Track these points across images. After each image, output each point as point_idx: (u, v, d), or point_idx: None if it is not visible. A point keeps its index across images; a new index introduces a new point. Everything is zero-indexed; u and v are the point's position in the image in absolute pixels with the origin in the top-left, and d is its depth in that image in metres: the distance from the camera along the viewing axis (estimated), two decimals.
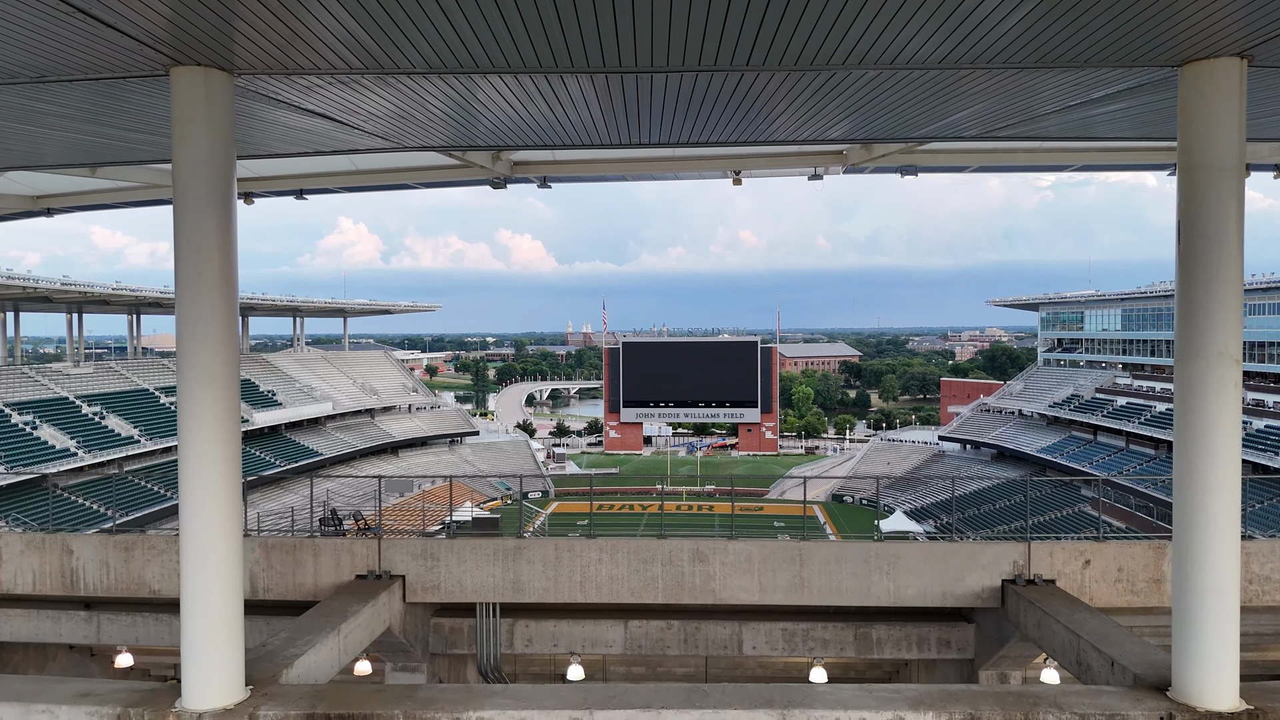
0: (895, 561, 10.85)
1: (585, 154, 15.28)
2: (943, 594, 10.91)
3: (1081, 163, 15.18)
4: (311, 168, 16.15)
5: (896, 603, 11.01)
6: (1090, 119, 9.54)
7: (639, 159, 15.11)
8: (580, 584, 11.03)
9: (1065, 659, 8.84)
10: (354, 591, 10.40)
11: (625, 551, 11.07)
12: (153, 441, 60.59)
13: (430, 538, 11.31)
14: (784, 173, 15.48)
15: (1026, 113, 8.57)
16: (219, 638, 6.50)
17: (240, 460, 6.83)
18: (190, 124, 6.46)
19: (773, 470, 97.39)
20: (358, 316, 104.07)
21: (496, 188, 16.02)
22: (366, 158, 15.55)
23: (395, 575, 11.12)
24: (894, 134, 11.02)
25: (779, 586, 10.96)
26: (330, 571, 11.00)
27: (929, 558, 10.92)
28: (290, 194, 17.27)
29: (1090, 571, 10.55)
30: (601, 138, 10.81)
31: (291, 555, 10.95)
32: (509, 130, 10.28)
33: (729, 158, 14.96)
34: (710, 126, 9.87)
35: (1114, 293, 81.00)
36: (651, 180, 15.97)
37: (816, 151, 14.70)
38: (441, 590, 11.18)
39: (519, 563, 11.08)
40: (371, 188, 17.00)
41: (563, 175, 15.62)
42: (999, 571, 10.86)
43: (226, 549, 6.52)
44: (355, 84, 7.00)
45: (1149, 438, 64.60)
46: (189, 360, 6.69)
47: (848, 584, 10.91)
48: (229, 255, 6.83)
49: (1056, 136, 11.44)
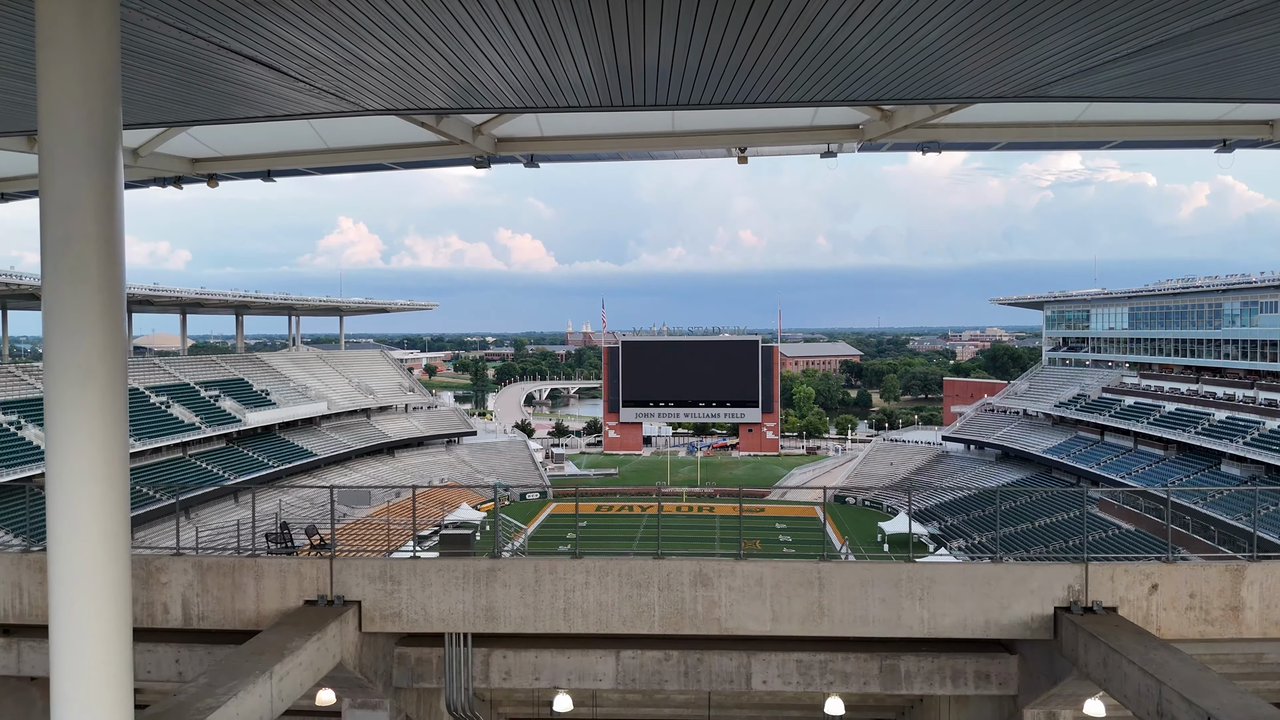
0: (930, 586, 9.47)
1: (576, 128, 13.89)
2: (985, 623, 9.50)
3: (1121, 138, 13.74)
4: (278, 144, 14.80)
5: (931, 633, 9.63)
6: (1155, 71, 8.04)
7: (635, 134, 13.74)
8: (564, 611, 9.65)
9: (1141, 707, 7.46)
10: (300, 620, 9.10)
11: (616, 574, 9.64)
12: (142, 442, 59.25)
13: (391, 558, 10.00)
14: (794, 150, 14.08)
15: (1093, 52, 7.08)
16: (95, 694, 5.14)
17: (127, 470, 5.47)
18: (55, 49, 5.09)
19: (774, 471, 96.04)
20: (354, 315, 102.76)
21: (480, 166, 14.63)
22: (338, 134, 14.19)
23: (350, 601, 9.76)
24: (925, 92, 9.50)
25: (794, 615, 9.59)
26: (275, 596, 9.66)
27: (969, 581, 9.52)
28: (257, 175, 15.92)
29: (1158, 598, 9.17)
30: (592, 98, 9.32)
31: (230, 578, 9.59)
32: (479, 87, 8.77)
33: (733, 133, 13.57)
34: (714, 85, 8.44)
35: (1121, 291, 79.65)
36: (649, 159, 14.58)
37: (829, 125, 13.30)
38: (403, 618, 9.80)
39: (493, 587, 9.69)
40: (345, 168, 15.60)
41: (552, 153, 14.23)
42: (1051, 597, 9.48)
43: (107, 580, 5.17)
44: (281, 10, 5.59)
45: (1158, 438, 63.21)
46: (57, 351, 5.34)
47: (875, 611, 9.54)
48: (110, 218, 5.45)
49: (1108, 96, 9.97)
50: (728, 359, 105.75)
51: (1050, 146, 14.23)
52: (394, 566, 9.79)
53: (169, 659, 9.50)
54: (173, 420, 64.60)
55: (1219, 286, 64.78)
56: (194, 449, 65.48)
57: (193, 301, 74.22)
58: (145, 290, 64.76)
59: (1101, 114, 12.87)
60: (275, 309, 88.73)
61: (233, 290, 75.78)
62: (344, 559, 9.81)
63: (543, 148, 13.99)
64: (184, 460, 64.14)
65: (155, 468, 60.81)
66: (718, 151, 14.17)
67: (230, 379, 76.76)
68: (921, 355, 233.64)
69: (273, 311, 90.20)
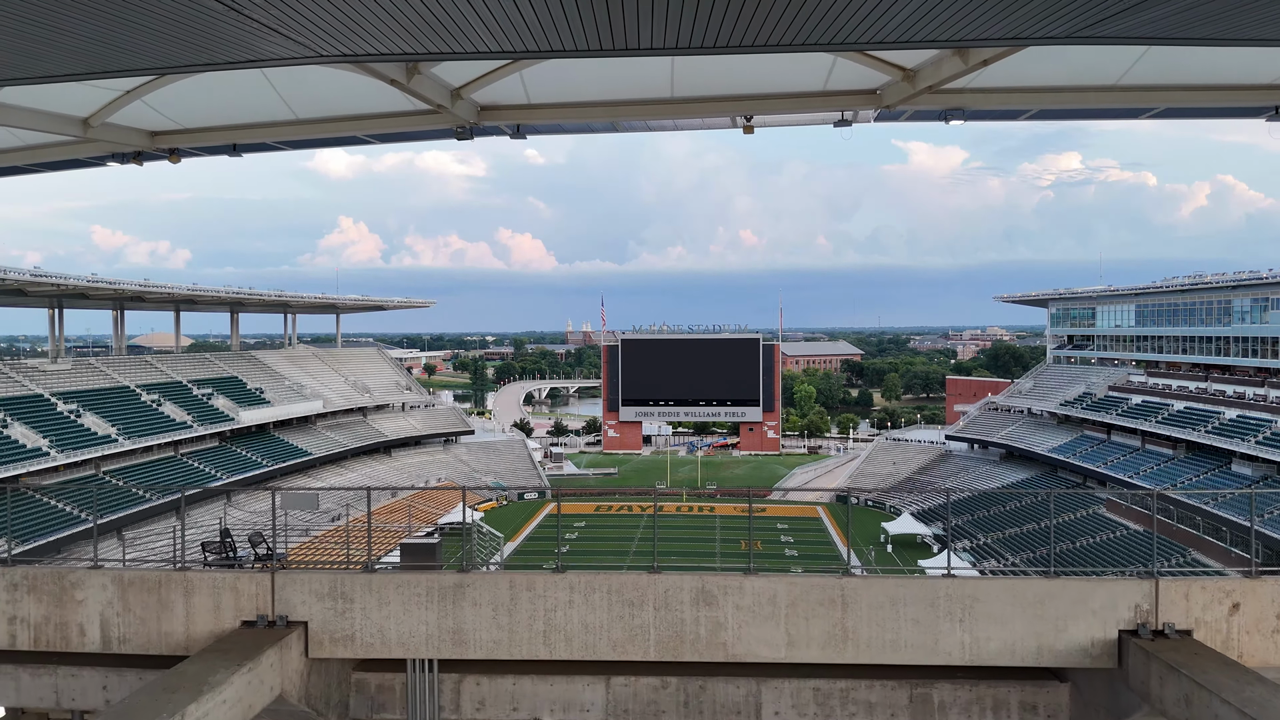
0: (972, 605, 8.15)
1: (566, 94, 12.66)
2: (1037, 649, 8.19)
3: (1163, 104, 12.48)
4: (244, 115, 13.63)
5: (973, 660, 8.29)
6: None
7: (631, 100, 12.52)
8: (544, 635, 8.37)
9: None
10: (233, 646, 7.93)
11: (605, 591, 8.33)
12: (132, 441, 58.10)
13: (344, 571, 8.66)
14: (804, 119, 12.87)
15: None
16: None
17: None
18: None
19: (775, 470, 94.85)
20: (351, 313, 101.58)
21: (462, 138, 13.44)
22: (308, 103, 13.01)
23: (294, 622, 8.47)
24: (962, 30, 8.12)
25: (814, 639, 8.27)
26: (207, 616, 8.43)
27: (1019, 600, 8.22)
28: (222, 149, 14.77)
29: (1239, 619, 7.92)
30: (579, 40, 7.99)
31: (155, 594, 8.34)
32: (446, 23, 7.41)
33: (738, 99, 12.35)
34: (717, 23, 7.16)
35: (1127, 288, 78.42)
36: (646, 129, 13.35)
37: (843, 90, 12.07)
38: (356, 642, 8.50)
39: (461, 605, 8.39)
40: (317, 141, 14.42)
41: (540, 123, 13.01)
42: (1115, 619, 8.16)
43: None
44: None
45: (1166, 437, 61.99)
46: None
47: (907, 635, 8.24)
48: None
49: (1166, 36, 8.68)
50: (728, 357, 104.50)
51: (1085, 115, 13.01)
52: (345, 581, 8.46)
53: (95, 685, 8.26)
54: (163, 419, 63.40)
55: (1229, 283, 63.57)
56: (186, 448, 64.28)
57: (186, 298, 73.01)
58: (136, 286, 63.52)
59: (1143, 76, 11.64)
60: (270, 306, 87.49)
61: (226, 287, 74.57)
62: (288, 572, 8.49)
63: (530, 116, 12.77)
64: (175, 459, 62.96)
65: (145, 467, 59.67)
66: (721, 121, 12.95)
67: (224, 377, 75.56)
68: (922, 355, 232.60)
69: (267, 309, 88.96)
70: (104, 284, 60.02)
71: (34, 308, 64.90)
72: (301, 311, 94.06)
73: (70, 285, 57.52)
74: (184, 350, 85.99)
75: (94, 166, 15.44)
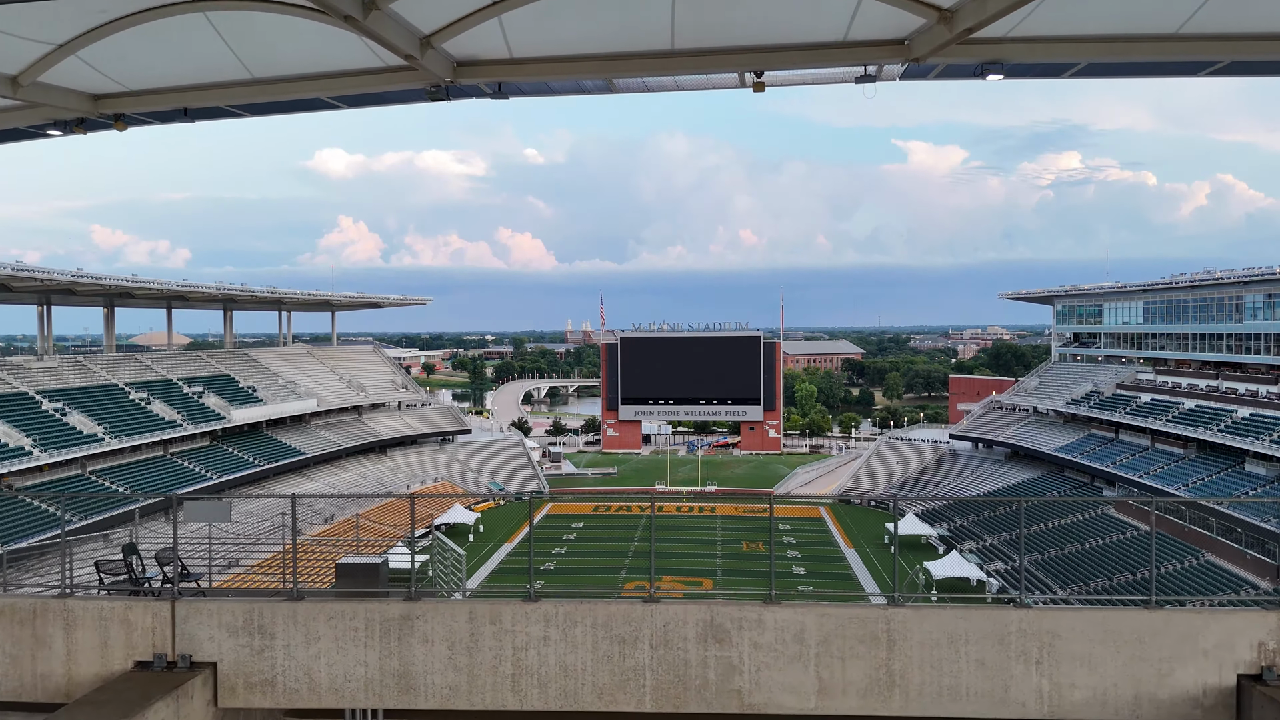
0: (1051, 643, 6.54)
1: (554, 46, 11.28)
2: (1134, 698, 6.56)
3: (1228, 56, 11.13)
4: (195, 75, 12.26)
5: (1054, 713, 6.64)
6: None
7: (627, 53, 11.13)
8: (512, 679, 6.77)
9: None
10: (118, 694, 6.41)
11: (589, 624, 6.70)
12: (118, 440, 56.81)
13: (263, 599, 7.07)
14: (822, 75, 11.50)
15: None
16: None
17: None
18: None
19: (777, 470, 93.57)
20: (346, 310, 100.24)
21: (436, 98, 12.09)
22: (265, 61, 11.67)
23: (200, 662, 6.92)
24: None
25: (852, 685, 6.69)
26: (92, 655, 6.85)
27: (1110, 637, 6.59)
28: (173, 115, 13.44)
29: None
30: None
31: (28, 628, 6.77)
32: None
33: (747, 51, 10.97)
34: None
35: (1135, 284, 77.10)
36: (644, 89, 12.01)
37: (867, 40, 10.70)
38: (278, 688, 6.88)
39: (409, 642, 6.80)
40: (278, 105, 13.07)
41: (525, 80, 11.64)
42: (1232, 660, 6.60)
43: None
44: None
45: (1177, 436, 60.71)
46: None
47: (970, 680, 6.66)
48: None
49: None
50: (729, 355, 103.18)
51: (1136, 71, 11.66)
52: (265, 612, 6.89)
53: None
54: (152, 417, 62.10)
55: (1240, 278, 62.27)
56: (175, 447, 62.99)
57: (176, 295, 71.67)
58: (123, 282, 62.18)
59: (1207, 24, 10.27)
60: (263, 303, 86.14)
61: (217, 283, 73.21)
62: (192, 601, 6.98)
63: (513, 73, 11.40)
64: (165, 459, 61.68)
65: (133, 466, 58.37)
66: (729, 78, 11.58)
67: (216, 375, 74.25)
68: (923, 354, 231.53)
69: (261, 306, 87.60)
70: (90, 279, 58.69)
71: (22, 304, 63.53)
72: (296, 309, 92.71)
73: (55, 281, 56.18)
74: (181, 349, 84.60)
75: (34, 138, 14.15)
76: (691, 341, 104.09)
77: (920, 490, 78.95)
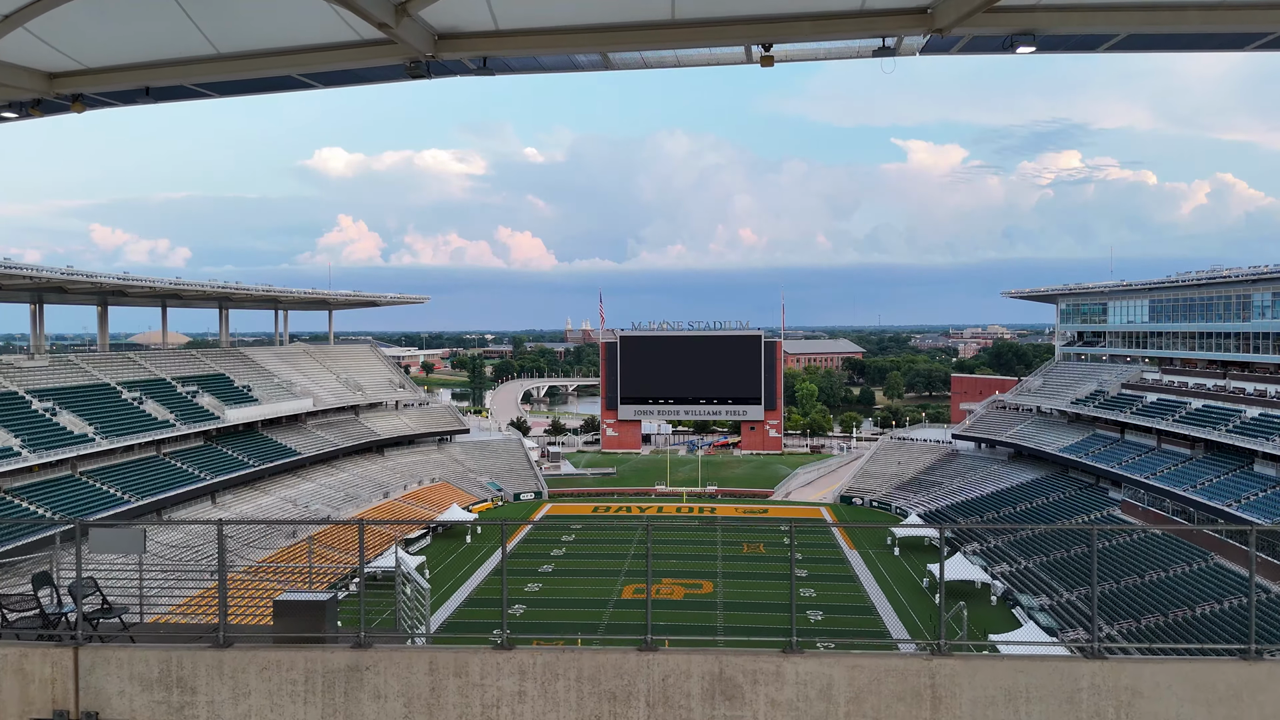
0: (1131, 702, 5.34)
1: (544, 17, 10.36)
2: None
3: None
4: (156, 51, 11.34)
5: None
6: None
7: (623, 24, 10.21)
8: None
9: None
10: None
11: (573, 677, 5.59)
12: (109, 440, 55.82)
13: (184, 646, 5.95)
14: (836, 47, 10.56)
15: None
16: None
17: None
18: None
19: (777, 470, 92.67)
20: (343, 309, 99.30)
21: (417, 75, 11.18)
22: (233, 36, 10.76)
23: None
24: None
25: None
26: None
27: (1202, 693, 5.36)
28: (135, 95, 12.53)
29: None
30: None
31: None
32: None
33: (754, 21, 10.06)
34: None
35: (1140, 282, 76.11)
36: (641, 65, 11.08)
37: (886, 9, 9.79)
38: None
39: (358, 698, 5.70)
40: (246, 83, 12.17)
41: (512, 55, 10.71)
42: None
43: None
44: None
45: (1184, 436, 59.76)
46: None
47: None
48: None
49: None
50: (729, 355, 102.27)
51: (1180, 44, 10.72)
52: (185, 662, 5.81)
53: None
54: (145, 417, 61.13)
55: (1248, 276, 61.34)
56: (169, 447, 62.03)
57: (170, 293, 70.71)
58: (116, 280, 61.19)
59: None
60: (259, 301, 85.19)
61: (211, 281, 72.23)
62: (98, 648, 5.87)
63: (499, 46, 10.48)
64: (157, 459, 60.72)
65: (125, 467, 57.41)
66: (734, 52, 10.65)
67: (210, 374, 73.30)
68: (924, 353, 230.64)
69: (256, 304, 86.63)
70: (81, 277, 57.72)
71: (15, 303, 62.56)
72: (292, 307, 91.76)
73: (46, 279, 55.22)
74: (179, 348, 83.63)
75: None
76: (691, 341, 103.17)
77: (924, 490, 78.03)
